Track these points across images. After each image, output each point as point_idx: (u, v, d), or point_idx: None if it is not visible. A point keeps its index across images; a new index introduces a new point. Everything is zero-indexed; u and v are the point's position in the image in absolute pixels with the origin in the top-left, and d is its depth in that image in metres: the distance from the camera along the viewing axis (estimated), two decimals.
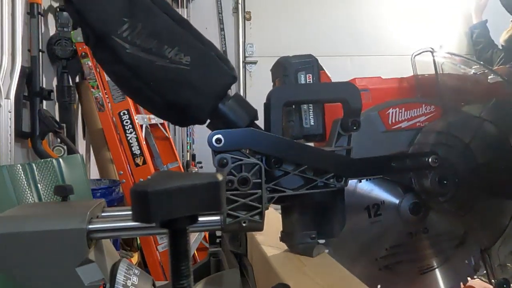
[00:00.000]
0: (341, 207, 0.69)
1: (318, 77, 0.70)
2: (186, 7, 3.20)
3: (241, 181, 0.61)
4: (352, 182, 0.72)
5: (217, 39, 3.33)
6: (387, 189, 0.77)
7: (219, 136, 0.60)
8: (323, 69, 0.71)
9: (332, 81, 0.71)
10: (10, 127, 1.60)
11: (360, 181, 0.75)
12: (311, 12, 3.37)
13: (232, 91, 0.65)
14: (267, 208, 0.64)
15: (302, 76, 0.69)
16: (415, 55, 0.82)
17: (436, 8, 3.34)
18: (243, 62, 3.36)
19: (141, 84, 0.59)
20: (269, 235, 0.82)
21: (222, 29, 3.32)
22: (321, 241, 0.75)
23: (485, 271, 0.81)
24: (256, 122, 0.65)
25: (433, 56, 0.80)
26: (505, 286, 0.79)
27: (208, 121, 0.64)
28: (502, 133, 0.78)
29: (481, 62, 0.82)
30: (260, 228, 0.63)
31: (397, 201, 0.77)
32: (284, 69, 0.70)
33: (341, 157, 0.67)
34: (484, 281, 0.85)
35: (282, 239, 0.75)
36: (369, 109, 0.75)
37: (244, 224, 0.62)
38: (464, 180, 0.76)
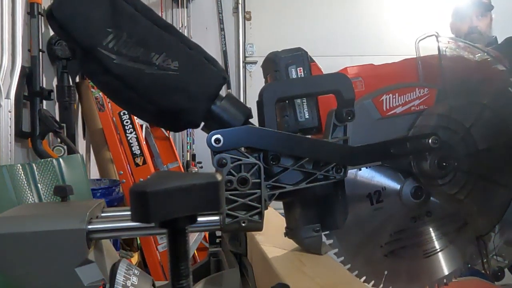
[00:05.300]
0: (342, 198, 0.70)
1: (309, 70, 0.70)
2: (186, 7, 3.20)
3: (240, 181, 0.61)
4: (351, 172, 0.72)
5: (217, 39, 3.33)
6: (387, 175, 0.77)
7: (218, 136, 0.61)
8: (313, 61, 0.71)
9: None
10: (10, 127, 1.60)
11: (360, 169, 0.75)
12: (311, 12, 3.38)
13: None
14: (267, 208, 0.64)
15: (293, 70, 0.69)
16: (419, 40, 0.82)
17: (437, 8, 3.34)
18: (243, 62, 3.36)
19: (131, 94, 0.59)
20: (269, 235, 0.82)
21: (222, 29, 3.32)
22: (329, 241, 0.75)
23: (480, 261, 0.81)
24: (251, 120, 0.65)
25: (438, 41, 0.79)
26: (499, 274, 0.80)
27: (202, 123, 0.64)
28: (503, 121, 0.78)
29: (485, 50, 0.81)
30: (259, 228, 0.63)
31: (398, 186, 0.77)
32: (274, 65, 0.69)
33: (341, 146, 0.67)
34: (477, 269, 0.85)
35: (287, 234, 0.75)
36: (362, 98, 0.75)
37: (243, 224, 0.62)
38: (463, 164, 0.77)
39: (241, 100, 3.17)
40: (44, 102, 1.91)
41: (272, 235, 0.82)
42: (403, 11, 3.39)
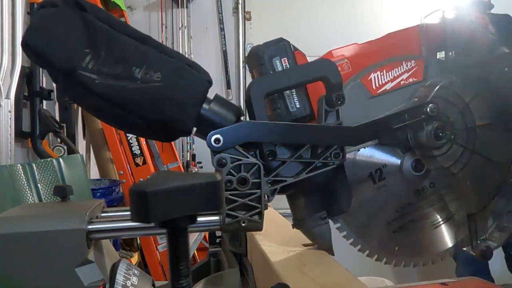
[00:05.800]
0: (344, 183, 0.70)
1: (294, 59, 0.70)
2: (186, 7, 3.20)
3: (240, 181, 0.61)
4: (350, 154, 0.72)
5: (217, 39, 3.33)
6: (386, 152, 0.77)
7: (218, 136, 0.61)
8: (297, 49, 0.71)
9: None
10: (10, 127, 1.60)
11: (359, 150, 0.75)
12: (311, 12, 3.37)
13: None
14: (267, 208, 0.64)
15: (277, 61, 0.69)
16: (425, 17, 0.82)
17: (437, 8, 3.34)
18: (243, 62, 3.36)
19: (119, 111, 0.58)
20: (269, 234, 0.82)
21: (222, 29, 3.32)
22: (336, 225, 0.75)
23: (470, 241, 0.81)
24: (242, 119, 0.65)
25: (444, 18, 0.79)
26: (487, 253, 0.80)
27: (195, 129, 0.64)
28: (503, 101, 0.79)
29: (490, 31, 0.81)
30: (259, 227, 0.63)
31: (398, 162, 0.77)
32: (258, 58, 0.69)
33: (340, 127, 0.67)
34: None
35: (295, 226, 0.75)
36: (350, 79, 0.74)
37: (243, 224, 0.62)
38: (460, 138, 0.77)
39: (241, 100, 3.17)
40: (44, 102, 1.91)
41: (272, 235, 0.82)
42: (403, 11, 3.39)
